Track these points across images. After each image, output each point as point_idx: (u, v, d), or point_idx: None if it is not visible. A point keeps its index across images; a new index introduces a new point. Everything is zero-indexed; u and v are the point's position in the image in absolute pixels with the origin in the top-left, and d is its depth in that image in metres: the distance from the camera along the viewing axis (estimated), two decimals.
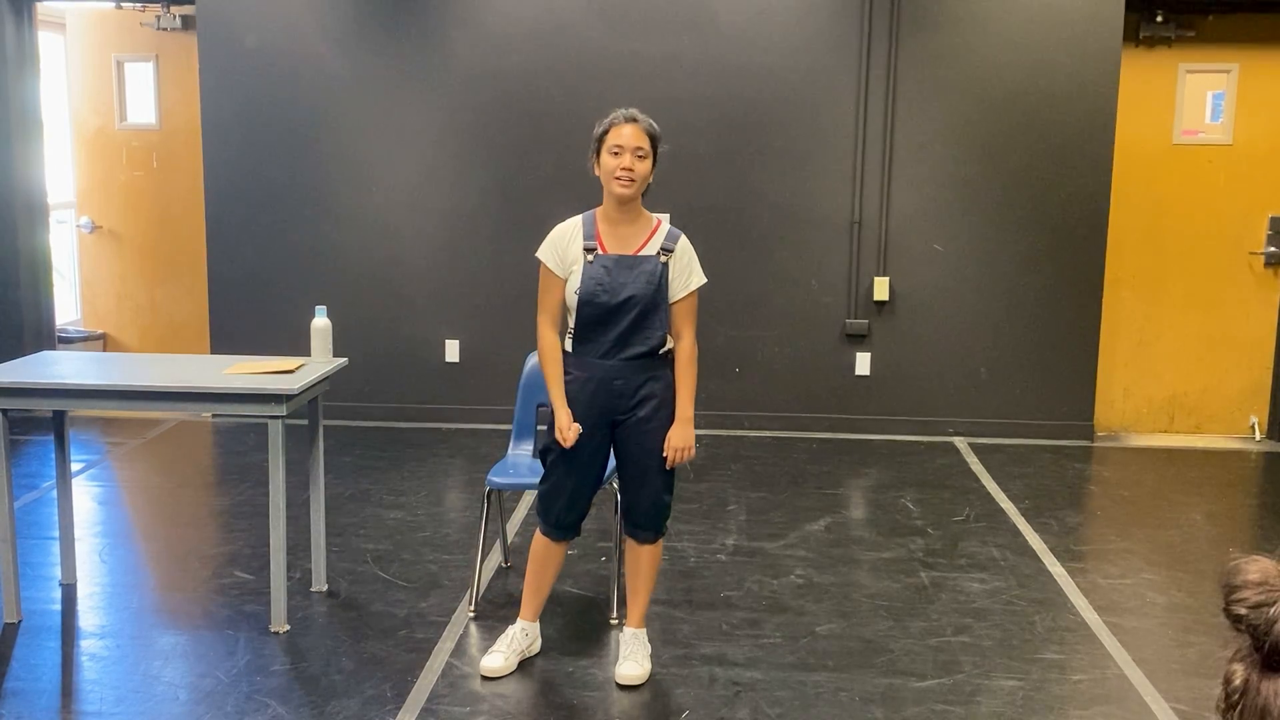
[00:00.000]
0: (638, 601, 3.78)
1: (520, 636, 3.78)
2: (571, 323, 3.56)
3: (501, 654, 3.71)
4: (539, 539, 3.75)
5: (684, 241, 3.61)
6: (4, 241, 6.76)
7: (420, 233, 6.75)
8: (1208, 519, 5.41)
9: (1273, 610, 1.19)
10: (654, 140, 3.51)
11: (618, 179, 3.45)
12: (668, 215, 6.56)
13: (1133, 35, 6.58)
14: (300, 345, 5.06)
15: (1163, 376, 6.96)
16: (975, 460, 6.28)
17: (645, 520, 3.67)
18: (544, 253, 3.57)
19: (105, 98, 7.52)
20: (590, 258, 3.51)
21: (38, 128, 6.95)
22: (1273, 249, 6.75)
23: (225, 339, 6.79)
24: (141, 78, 7.50)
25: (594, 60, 6.55)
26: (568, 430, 3.51)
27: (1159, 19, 6.54)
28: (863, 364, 6.73)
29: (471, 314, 6.80)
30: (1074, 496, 5.77)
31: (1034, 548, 4.93)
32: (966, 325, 6.67)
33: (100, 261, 7.70)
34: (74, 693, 3.58)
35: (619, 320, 3.50)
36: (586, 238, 3.54)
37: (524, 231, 6.68)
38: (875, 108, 6.53)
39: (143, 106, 7.53)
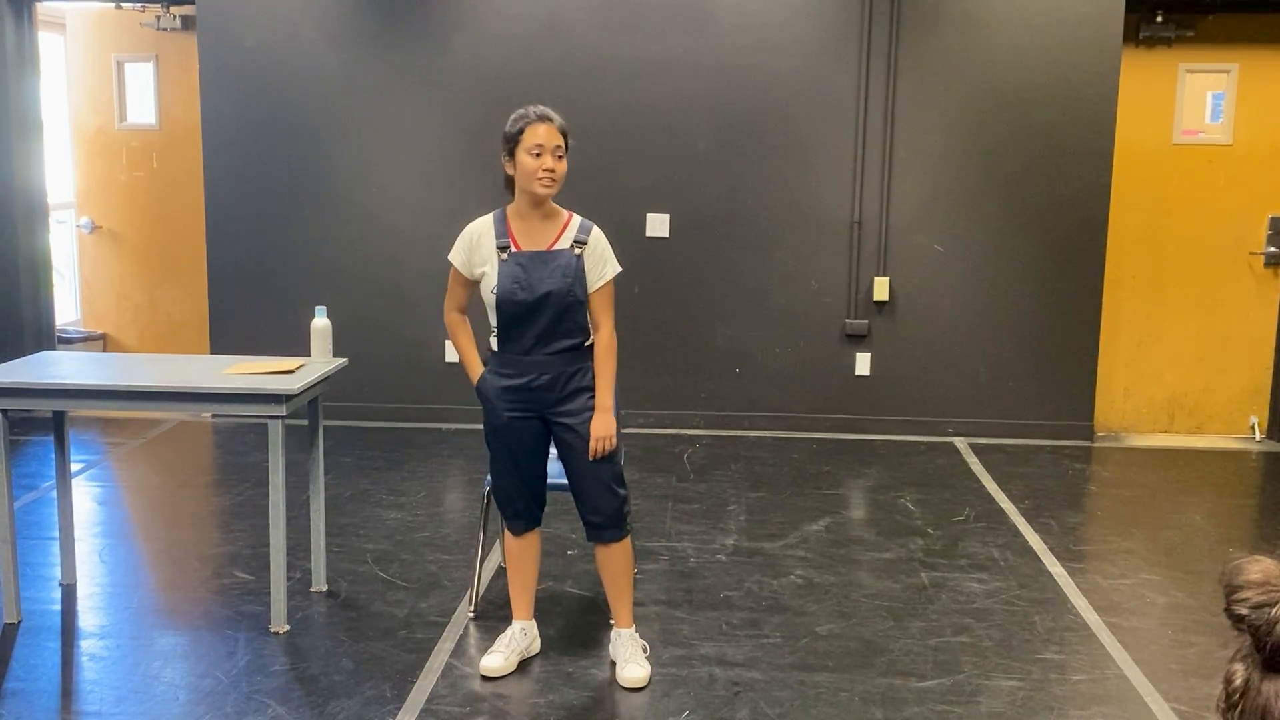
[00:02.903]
0: (622, 602, 3.78)
1: (519, 636, 3.78)
2: (493, 321, 3.59)
3: (501, 654, 3.72)
4: (507, 536, 3.82)
5: (597, 233, 3.61)
6: (4, 242, 6.76)
7: (420, 232, 6.75)
8: (1208, 519, 5.41)
9: (1274, 611, 1.19)
10: (567, 138, 3.54)
11: (540, 180, 3.46)
12: (668, 216, 6.58)
13: (1132, 35, 6.59)
14: (300, 345, 5.05)
15: (1163, 377, 6.96)
16: (975, 460, 6.28)
17: (604, 519, 3.66)
18: (453, 254, 3.63)
19: (105, 98, 7.52)
20: (504, 255, 3.53)
21: (38, 128, 6.95)
22: (1273, 249, 6.75)
23: (225, 339, 6.79)
24: (141, 78, 7.50)
25: (594, 61, 6.55)
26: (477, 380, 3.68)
27: (1159, 19, 6.54)
28: (863, 364, 6.73)
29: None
30: (1074, 497, 5.77)
31: (1034, 548, 4.93)
32: (966, 325, 6.67)
33: (100, 262, 7.70)
34: (74, 693, 3.58)
35: (539, 316, 3.51)
36: (499, 236, 3.55)
37: None
38: (875, 108, 6.53)
39: (142, 107, 7.52)
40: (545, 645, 3.91)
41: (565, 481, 3.89)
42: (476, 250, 3.58)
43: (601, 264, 3.59)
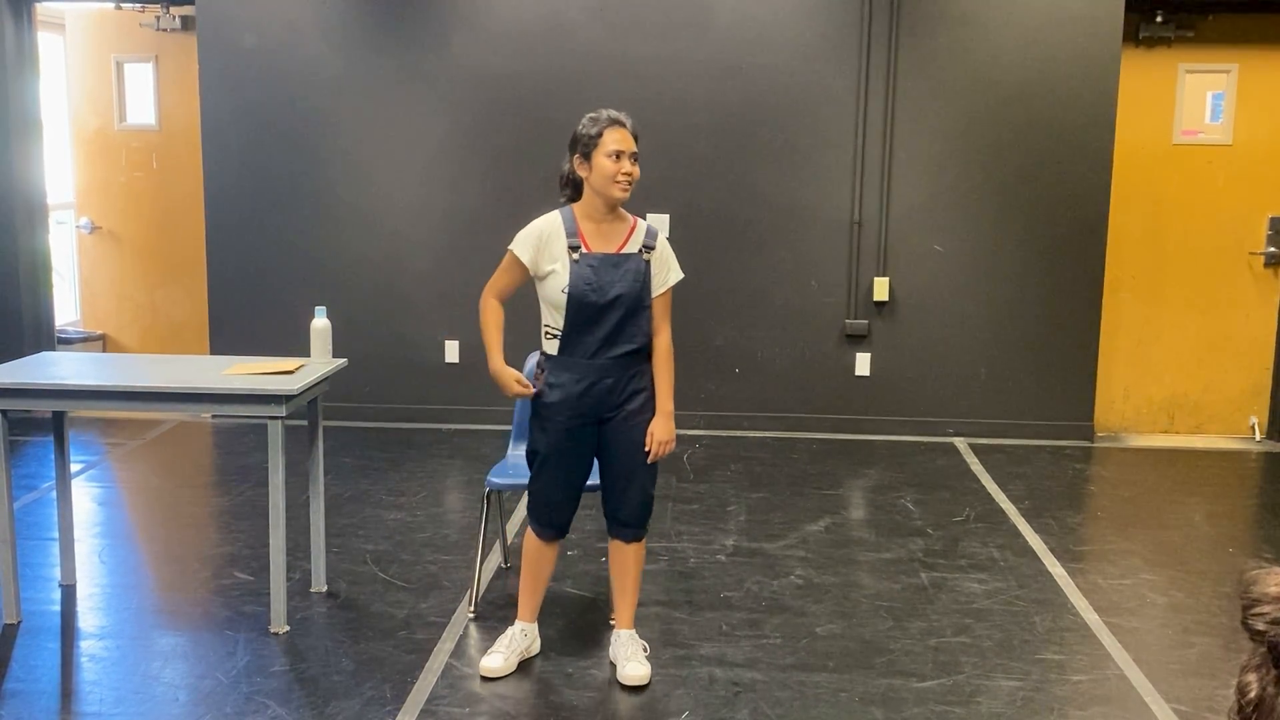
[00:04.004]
0: (629, 602, 3.78)
1: (520, 637, 3.78)
2: (558, 323, 3.53)
3: (501, 654, 3.71)
4: (532, 540, 3.75)
5: (662, 238, 3.64)
6: (4, 242, 6.76)
7: (420, 233, 6.75)
8: (1208, 520, 5.41)
9: None
10: (637, 142, 3.55)
11: (618, 183, 3.46)
12: (667, 216, 6.59)
13: (1132, 35, 6.59)
14: (300, 346, 5.05)
15: (1163, 377, 6.96)
16: (975, 461, 6.28)
17: (633, 517, 3.67)
18: (520, 246, 3.55)
19: (105, 98, 7.51)
20: (576, 256, 3.49)
21: (37, 128, 6.95)
22: (1272, 249, 6.75)
23: (225, 340, 6.79)
24: (141, 78, 7.49)
25: (594, 61, 6.55)
26: (513, 384, 3.58)
27: (1158, 19, 6.54)
28: (862, 364, 6.73)
29: (471, 314, 6.70)
30: (1074, 497, 5.77)
31: (1034, 548, 4.93)
32: (966, 326, 6.67)
33: (100, 262, 7.70)
34: (73, 694, 3.58)
35: (607, 319, 3.50)
36: (569, 235, 3.51)
37: None
38: (875, 108, 6.53)
39: (142, 107, 7.52)
40: (545, 645, 3.91)
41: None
42: (547, 248, 3.51)
43: (665, 270, 3.60)
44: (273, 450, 3.88)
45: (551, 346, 3.56)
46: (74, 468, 5.83)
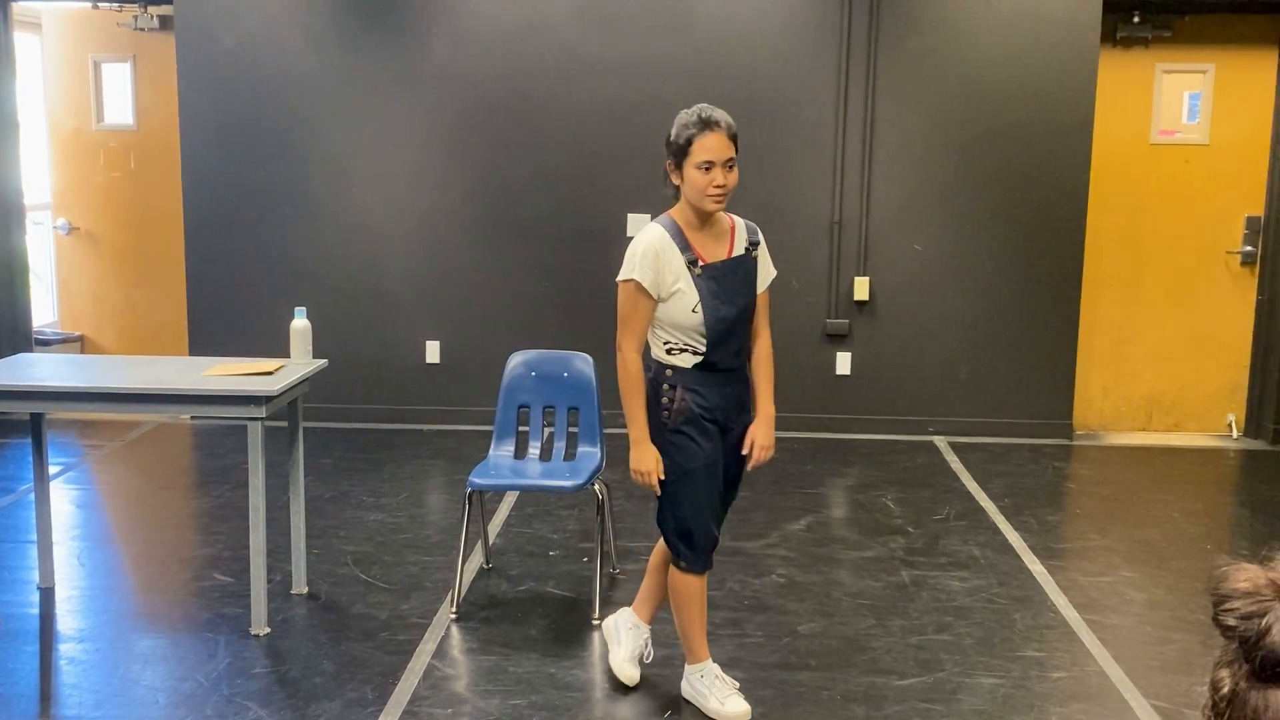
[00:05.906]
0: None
1: (723, 678, 3.51)
2: (690, 340, 3.26)
3: (725, 697, 3.45)
4: (691, 581, 3.41)
5: (760, 232, 3.46)
6: None
7: (400, 233, 6.74)
8: (1186, 517, 5.44)
9: (1264, 621, 1.18)
10: (737, 141, 3.28)
11: (710, 196, 3.21)
12: (649, 216, 6.58)
13: (1110, 36, 6.62)
14: (279, 346, 5.03)
15: (1141, 375, 7.00)
16: (955, 459, 6.30)
17: (718, 528, 3.49)
18: (639, 273, 3.22)
19: (82, 98, 7.47)
20: (697, 270, 3.23)
21: (14, 129, 6.91)
22: (1249, 248, 6.80)
23: (204, 340, 6.76)
24: (119, 78, 7.45)
25: (575, 61, 6.55)
26: (656, 471, 3.29)
27: (1136, 20, 6.58)
28: (843, 363, 6.74)
29: (452, 315, 6.78)
30: (1053, 495, 5.80)
31: (1014, 546, 4.95)
32: (946, 325, 6.70)
33: (77, 263, 7.65)
34: (52, 697, 3.56)
35: (738, 329, 3.31)
36: (682, 249, 3.24)
37: (505, 232, 6.67)
38: (855, 108, 6.55)
39: (120, 107, 7.48)
40: (526, 646, 3.90)
41: (556, 484, 3.89)
42: (667, 267, 3.22)
43: (767, 265, 3.43)
44: (252, 451, 3.87)
45: (684, 360, 3.28)
46: (52, 470, 5.79)
